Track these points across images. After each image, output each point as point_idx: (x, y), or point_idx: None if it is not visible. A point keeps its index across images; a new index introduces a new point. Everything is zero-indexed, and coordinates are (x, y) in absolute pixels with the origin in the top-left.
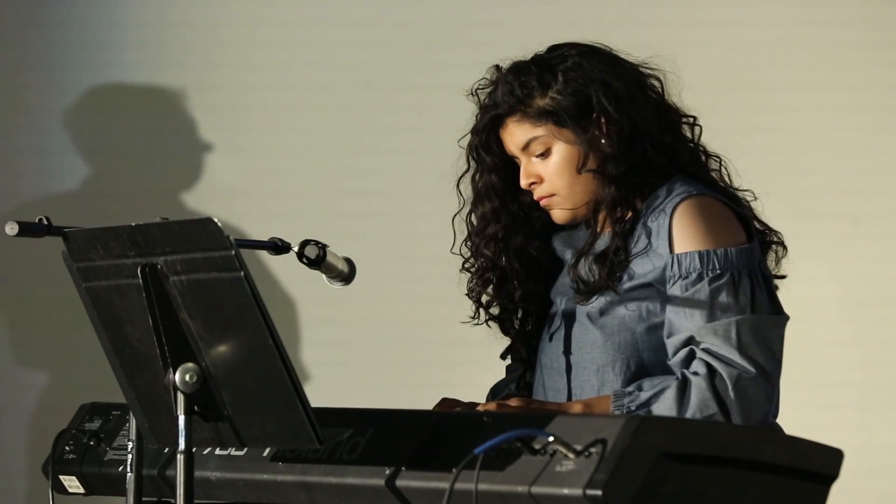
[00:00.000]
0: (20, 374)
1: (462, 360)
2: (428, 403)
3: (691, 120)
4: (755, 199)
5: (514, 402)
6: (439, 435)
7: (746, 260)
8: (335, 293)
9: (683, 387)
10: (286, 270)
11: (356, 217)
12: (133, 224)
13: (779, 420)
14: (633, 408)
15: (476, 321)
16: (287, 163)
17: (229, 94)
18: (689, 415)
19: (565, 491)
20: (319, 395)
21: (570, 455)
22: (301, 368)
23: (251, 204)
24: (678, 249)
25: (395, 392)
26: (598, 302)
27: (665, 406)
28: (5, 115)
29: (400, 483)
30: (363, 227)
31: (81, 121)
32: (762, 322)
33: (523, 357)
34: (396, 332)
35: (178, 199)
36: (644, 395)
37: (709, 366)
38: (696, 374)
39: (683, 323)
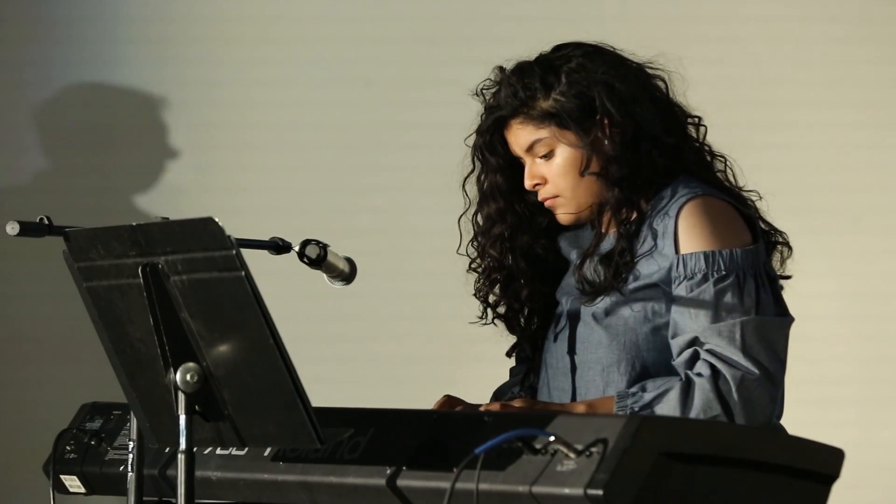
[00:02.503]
0: (21, 374)
1: (466, 358)
2: (431, 402)
3: (696, 120)
4: (760, 198)
5: (517, 403)
6: (440, 435)
7: (752, 261)
8: (336, 293)
9: (687, 388)
10: (288, 270)
11: (358, 215)
12: (134, 224)
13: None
14: (636, 409)
15: (484, 321)
16: (289, 161)
17: (230, 91)
18: (692, 416)
19: (566, 491)
20: (320, 395)
21: (571, 455)
22: (302, 368)
23: (253, 203)
24: (683, 250)
25: (397, 392)
26: (603, 302)
27: (668, 407)
28: (7, 112)
29: (401, 483)
30: (365, 225)
31: (81, 118)
32: (767, 323)
33: (528, 355)
34: (398, 332)
35: (177, 198)
36: (647, 396)
37: (712, 367)
38: (699, 375)
39: (688, 323)
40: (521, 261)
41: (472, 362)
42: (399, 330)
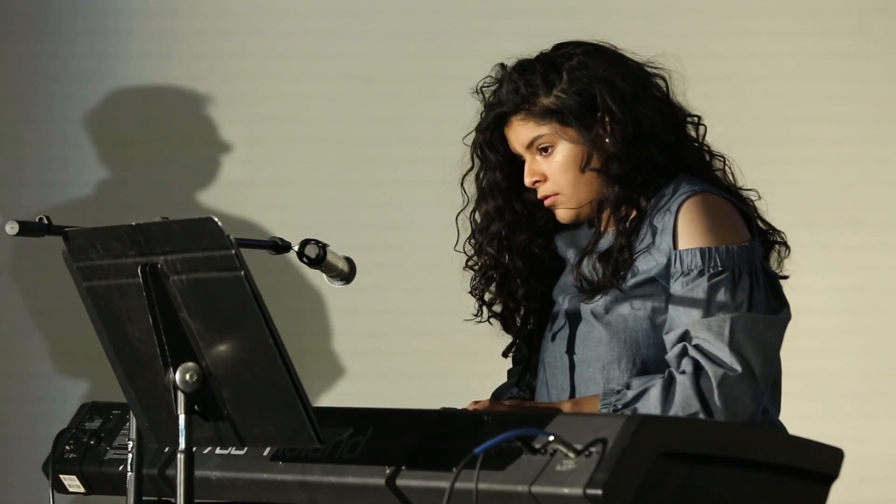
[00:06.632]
0: (21, 374)
1: (468, 361)
2: (432, 403)
3: (695, 119)
4: (759, 198)
5: (507, 403)
6: (439, 434)
7: (747, 258)
8: (336, 293)
9: (669, 385)
10: (288, 271)
11: (358, 225)
12: (133, 223)
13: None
14: (619, 406)
15: (479, 319)
16: (290, 167)
17: (233, 98)
18: (672, 412)
19: (565, 490)
20: (320, 400)
21: (571, 454)
22: (301, 371)
23: (253, 206)
24: (681, 246)
25: (397, 392)
26: (602, 300)
27: (650, 404)
28: (12, 124)
29: (400, 482)
30: (365, 235)
31: (83, 126)
32: (758, 321)
33: (524, 355)
34: (398, 338)
35: (179, 201)
36: (630, 394)
37: (696, 364)
38: (683, 372)
39: (681, 318)
40: (517, 259)
41: (474, 374)
42: (400, 330)
